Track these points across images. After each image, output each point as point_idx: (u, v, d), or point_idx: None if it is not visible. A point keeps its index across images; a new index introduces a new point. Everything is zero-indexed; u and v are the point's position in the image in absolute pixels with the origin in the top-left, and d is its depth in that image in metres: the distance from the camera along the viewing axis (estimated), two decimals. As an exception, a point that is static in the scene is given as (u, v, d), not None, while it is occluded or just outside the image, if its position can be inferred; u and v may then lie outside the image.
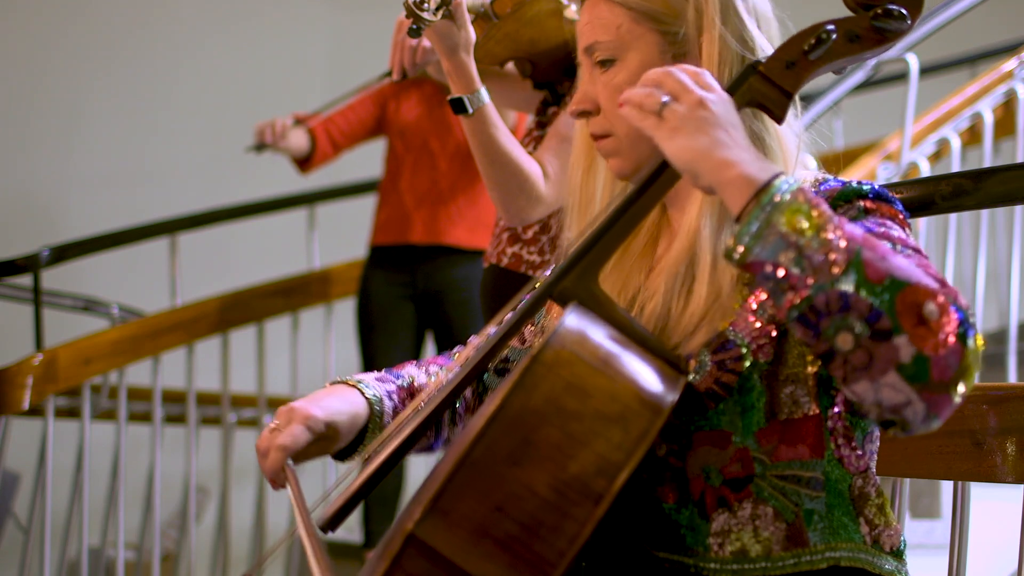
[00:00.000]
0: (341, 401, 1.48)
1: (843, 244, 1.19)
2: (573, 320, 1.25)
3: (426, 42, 2.23)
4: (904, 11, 1.30)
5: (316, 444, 1.45)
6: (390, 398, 1.53)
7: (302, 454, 1.45)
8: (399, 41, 2.24)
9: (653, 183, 1.32)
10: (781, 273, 1.20)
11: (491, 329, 1.45)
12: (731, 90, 1.30)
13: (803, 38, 1.32)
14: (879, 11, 1.30)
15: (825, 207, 1.22)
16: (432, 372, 1.62)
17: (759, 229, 1.20)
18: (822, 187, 1.40)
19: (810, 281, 1.19)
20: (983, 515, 2.21)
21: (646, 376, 1.24)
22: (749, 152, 1.24)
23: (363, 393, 1.50)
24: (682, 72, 1.27)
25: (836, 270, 1.18)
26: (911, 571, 1.43)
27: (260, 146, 3.84)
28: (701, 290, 1.36)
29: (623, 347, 1.26)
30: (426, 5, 2.01)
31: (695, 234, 1.39)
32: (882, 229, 1.33)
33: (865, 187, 1.38)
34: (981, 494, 2.10)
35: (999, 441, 1.62)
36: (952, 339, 1.17)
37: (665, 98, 1.25)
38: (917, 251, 1.30)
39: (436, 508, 1.15)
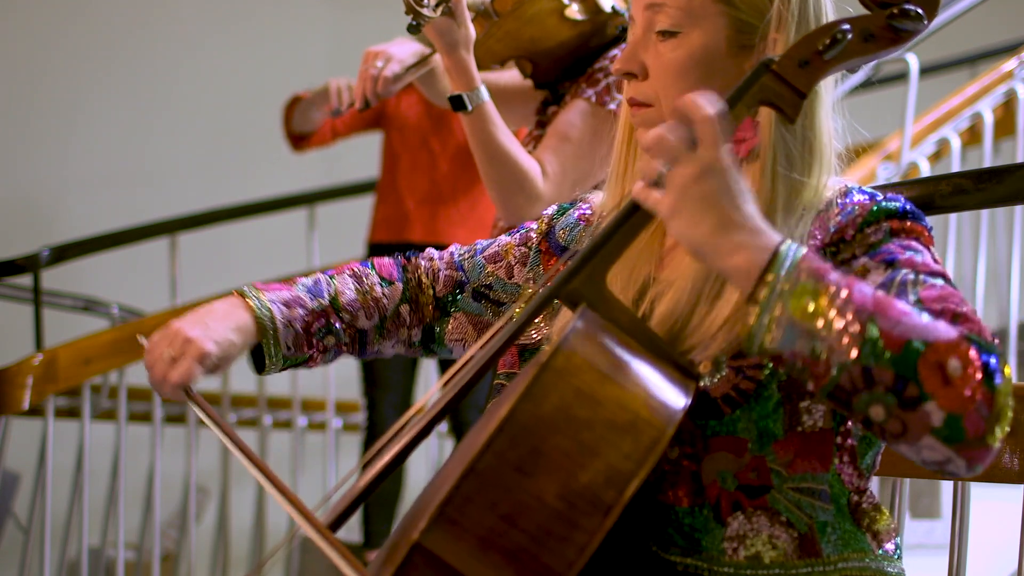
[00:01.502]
0: (236, 332, 1.51)
1: (854, 318, 1.17)
2: (582, 325, 1.23)
3: (388, 71, 2.25)
4: (920, 11, 1.29)
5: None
6: (289, 326, 1.54)
7: None
8: (363, 71, 2.27)
9: None
10: (800, 362, 1.19)
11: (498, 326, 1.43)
12: (743, 89, 1.27)
13: (817, 37, 1.29)
14: (895, 10, 1.29)
15: (830, 276, 1.19)
16: (369, 287, 1.60)
17: (769, 321, 1.19)
18: (848, 198, 1.37)
19: (831, 363, 1.18)
20: (983, 515, 2.20)
21: (657, 383, 1.22)
22: (750, 222, 1.21)
23: (259, 322, 1.53)
24: (679, 129, 1.20)
25: (854, 351, 1.17)
26: (912, 571, 1.42)
27: (337, 112, 3.59)
28: (732, 296, 1.32)
29: (633, 353, 1.24)
30: (426, 1, 2.01)
31: None
32: (907, 255, 1.30)
33: (892, 205, 1.35)
34: (981, 494, 2.10)
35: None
36: (980, 389, 1.16)
37: (663, 168, 1.21)
38: (942, 275, 1.28)
39: (443, 517, 1.12)
